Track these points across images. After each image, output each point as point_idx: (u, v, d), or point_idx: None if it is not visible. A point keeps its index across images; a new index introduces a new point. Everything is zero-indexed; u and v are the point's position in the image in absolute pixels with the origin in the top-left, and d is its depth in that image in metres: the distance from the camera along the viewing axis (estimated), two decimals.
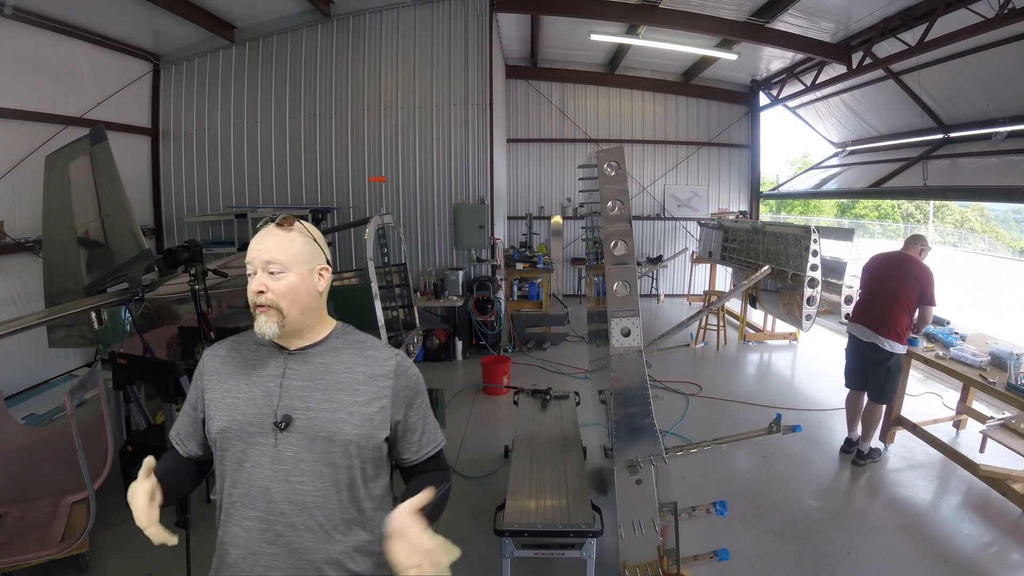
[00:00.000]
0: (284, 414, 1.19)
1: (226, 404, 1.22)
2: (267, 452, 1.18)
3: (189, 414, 1.31)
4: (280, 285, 1.20)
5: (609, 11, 7.12)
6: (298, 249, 1.23)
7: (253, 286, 1.21)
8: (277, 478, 1.17)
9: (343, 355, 1.27)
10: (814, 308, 4.86)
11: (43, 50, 5.29)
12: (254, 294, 1.20)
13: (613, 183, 2.13)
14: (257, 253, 1.21)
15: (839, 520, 3.24)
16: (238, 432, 1.19)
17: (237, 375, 1.25)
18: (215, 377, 1.27)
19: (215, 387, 1.25)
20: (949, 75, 6.61)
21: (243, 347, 1.30)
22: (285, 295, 1.20)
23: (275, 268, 1.21)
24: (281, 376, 1.23)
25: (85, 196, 3.88)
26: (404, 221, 6.94)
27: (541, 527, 2.37)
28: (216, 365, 1.28)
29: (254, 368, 1.25)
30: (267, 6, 6.57)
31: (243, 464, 1.19)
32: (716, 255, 7.72)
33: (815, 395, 5.39)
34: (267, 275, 1.21)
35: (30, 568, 2.53)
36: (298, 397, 1.21)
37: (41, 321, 3.23)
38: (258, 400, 1.21)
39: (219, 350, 1.32)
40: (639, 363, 2.05)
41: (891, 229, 18.01)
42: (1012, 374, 3.12)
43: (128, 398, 3.40)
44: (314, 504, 1.18)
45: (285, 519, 1.17)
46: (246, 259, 1.23)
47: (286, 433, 1.18)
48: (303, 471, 1.18)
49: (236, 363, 1.27)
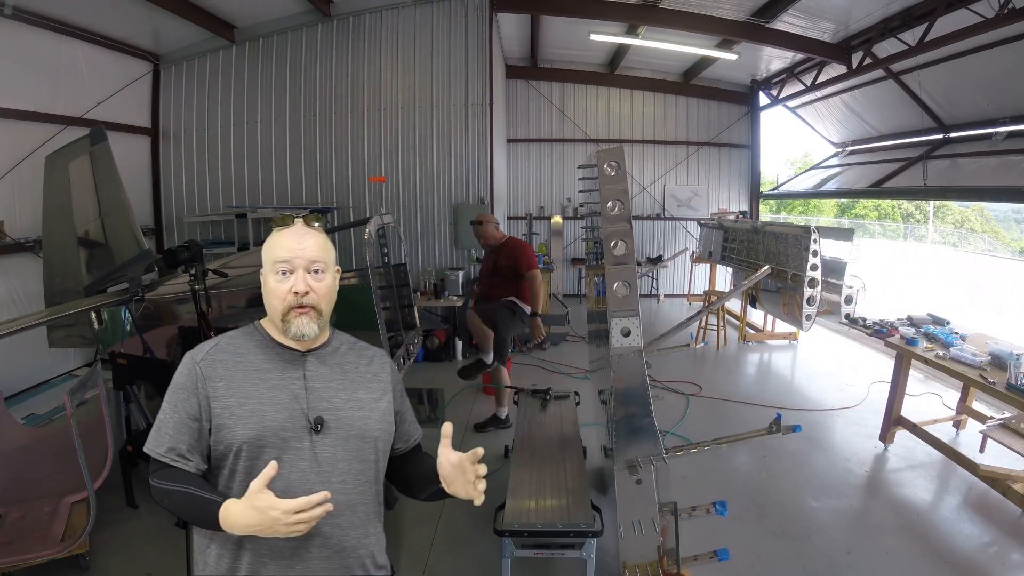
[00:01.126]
0: (316, 416, 1.17)
1: (248, 411, 1.15)
2: (305, 456, 1.15)
3: (188, 425, 1.15)
4: (323, 286, 1.21)
5: (609, 11, 7.12)
6: (331, 249, 1.27)
7: (295, 286, 1.18)
8: (319, 481, 1.15)
9: (348, 356, 1.30)
10: (814, 308, 4.85)
11: (43, 50, 5.29)
12: (295, 295, 1.18)
13: (613, 183, 2.13)
14: (300, 252, 1.19)
15: (839, 520, 3.24)
16: (271, 439, 1.14)
17: (252, 380, 1.18)
18: (223, 384, 1.16)
19: (226, 394, 1.16)
20: (949, 75, 6.61)
21: (246, 351, 1.22)
22: (326, 296, 1.22)
23: (320, 267, 1.21)
24: (303, 378, 1.21)
25: (85, 196, 3.88)
26: (404, 221, 6.94)
27: (541, 527, 2.37)
28: (219, 371, 1.18)
29: (269, 372, 1.20)
30: (267, 6, 6.57)
31: (280, 471, 1.12)
32: (716, 255, 7.72)
33: (815, 395, 5.39)
34: (309, 275, 1.20)
35: (30, 568, 2.52)
36: (324, 398, 1.20)
37: (41, 321, 3.23)
38: (286, 404, 1.17)
39: (216, 354, 1.20)
40: (639, 363, 2.05)
41: (891, 229, 18.00)
42: (1012, 374, 3.12)
43: (128, 398, 3.40)
44: (356, 501, 1.20)
45: (333, 520, 1.14)
46: (279, 257, 1.19)
47: (322, 435, 1.17)
48: (342, 471, 1.18)
49: (245, 367, 1.20)
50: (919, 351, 3.75)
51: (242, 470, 1.15)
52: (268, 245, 1.22)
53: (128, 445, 3.25)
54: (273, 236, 1.23)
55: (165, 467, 1.14)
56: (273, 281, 1.20)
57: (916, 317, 4.36)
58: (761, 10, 6.81)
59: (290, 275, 1.19)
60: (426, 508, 3.29)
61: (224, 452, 1.15)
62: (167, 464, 1.14)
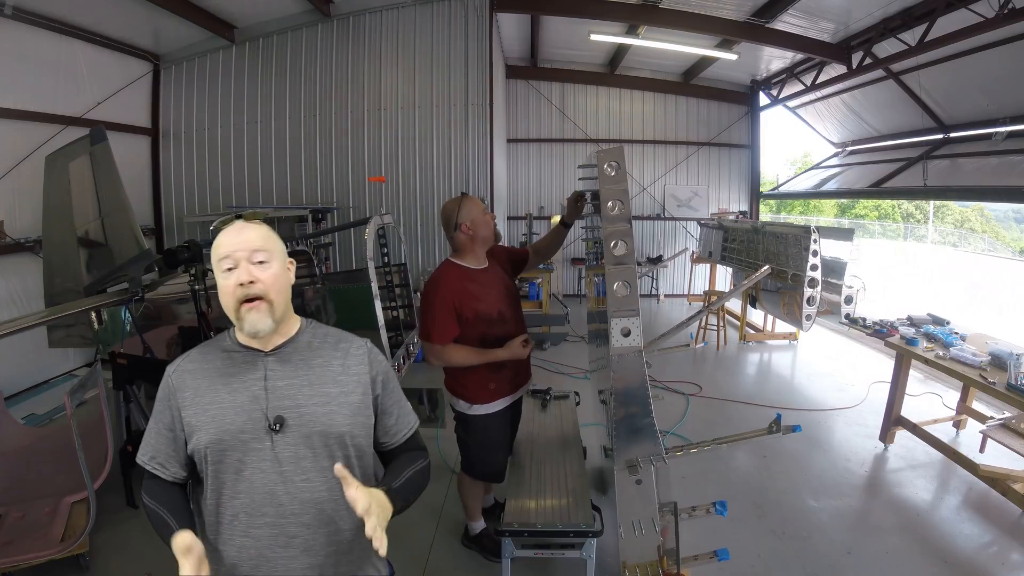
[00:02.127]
0: (276, 415, 1.17)
1: (210, 416, 1.17)
2: (266, 456, 1.16)
3: (165, 435, 1.22)
4: (268, 275, 1.19)
5: (609, 11, 7.12)
6: (275, 239, 1.25)
7: (239, 278, 1.17)
8: (282, 480, 1.16)
9: (318, 351, 1.28)
10: (814, 308, 4.86)
11: (43, 50, 5.29)
12: (241, 287, 1.17)
13: (613, 183, 2.13)
14: (240, 244, 1.18)
15: (839, 520, 3.24)
16: (231, 442, 1.16)
17: (215, 386, 1.20)
18: (190, 393, 1.20)
19: (192, 403, 1.19)
20: (949, 75, 6.61)
21: (211, 357, 1.24)
22: (273, 284, 1.20)
23: (263, 256, 1.20)
24: (263, 379, 1.20)
25: (85, 196, 3.88)
26: (404, 221, 6.94)
27: (541, 527, 2.37)
28: (187, 381, 1.21)
29: (232, 375, 1.21)
30: (267, 6, 6.57)
31: (242, 473, 1.16)
32: (716, 255, 7.72)
33: (815, 395, 5.39)
34: (253, 266, 1.18)
35: (30, 568, 2.52)
36: (286, 396, 1.19)
37: (41, 321, 3.23)
38: (245, 406, 1.17)
39: (185, 364, 1.24)
40: (639, 363, 2.05)
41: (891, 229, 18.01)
42: (1012, 374, 3.12)
43: (128, 398, 3.40)
44: (324, 499, 1.18)
45: (297, 519, 1.16)
46: (221, 254, 1.19)
47: (281, 434, 1.17)
48: (306, 468, 1.17)
49: (210, 374, 1.21)
50: (919, 351, 3.75)
51: (210, 474, 1.18)
52: (213, 248, 1.22)
53: (128, 445, 3.24)
54: (217, 238, 1.22)
55: (151, 476, 1.22)
56: (221, 280, 1.20)
57: (916, 317, 4.36)
58: (761, 10, 6.81)
59: (235, 270, 1.18)
60: (426, 508, 3.29)
61: (197, 460, 1.20)
62: (151, 473, 1.22)
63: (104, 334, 4.13)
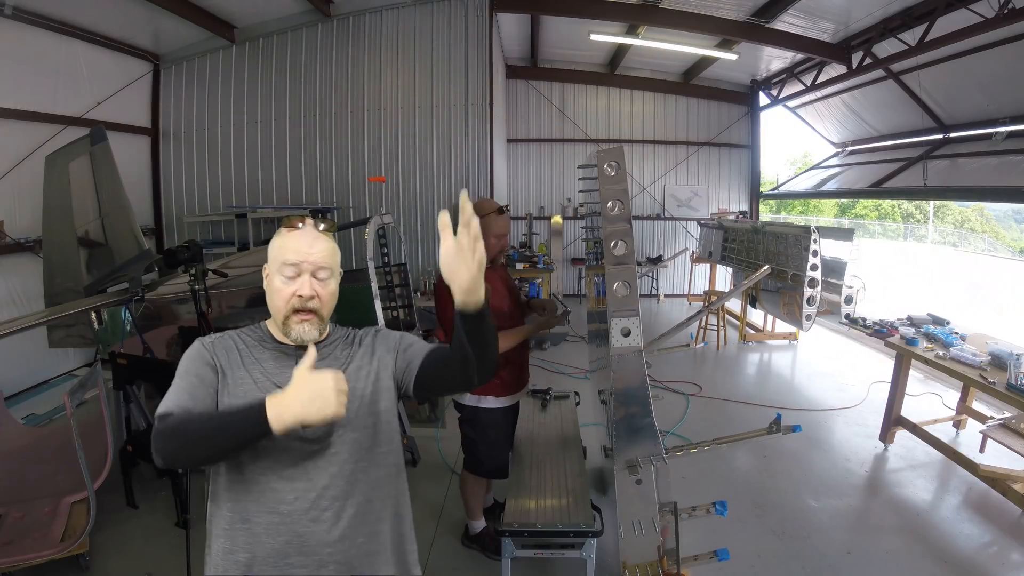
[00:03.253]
0: None
1: (243, 392, 1.17)
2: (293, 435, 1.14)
3: (205, 391, 1.15)
4: (328, 292, 1.22)
5: (609, 11, 7.12)
6: (338, 256, 1.28)
7: (300, 290, 1.18)
8: (312, 455, 1.16)
9: (344, 347, 1.31)
10: (814, 308, 4.85)
11: (43, 50, 5.29)
12: (300, 299, 1.18)
13: (613, 183, 2.13)
14: (308, 256, 1.19)
15: (839, 520, 3.24)
16: None
17: (248, 365, 1.21)
18: (226, 362, 1.20)
19: (227, 374, 1.19)
20: (949, 75, 6.61)
21: (247, 343, 1.26)
22: (328, 301, 1.23)
23: (326, 274, 1.22)
24: (294, 366, 1.20)
25: (85, 196, 3.89)
26: (404, 221, 6.94)
27: (541, 527, 2.37)
28: (221, 354, 1.22)
29: (265, 361, 1.23)
30: (267, 6, 6.57)
31: (269, 451, 1.16)
32: (716, 255, 7.72)
33: (815, 395, 5.39)
34: (315, 280, 1.20)
35: (30, 568, 2.52)
36: None
37: (41, 321, 3.24)
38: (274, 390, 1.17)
39: (222, 341, 1.25)
40: (639, 363, 2.05)
41: (891, 229, 18.02)
42: (1012, 374, 3.12)
43: (128, 398, 3.40)
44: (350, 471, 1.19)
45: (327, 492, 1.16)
46: (288, 260, 1.19)
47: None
48: (333, 442, 1.18)
49: (243, 355, 1.23)
50: (919, 351, 3.75)
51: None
52: (277, 246, 1.22)
53: (128, 445, 3.24)
54: (283, 237, 1.22)
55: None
56: (279, 282, 1.20)
57: (916, 317, 4.36)
58: (761, 10, 6.81)
59: (296, 278, 1.19)
60: (426, 508, 3.30)
61: None
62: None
63: (104, 334, 4.13)
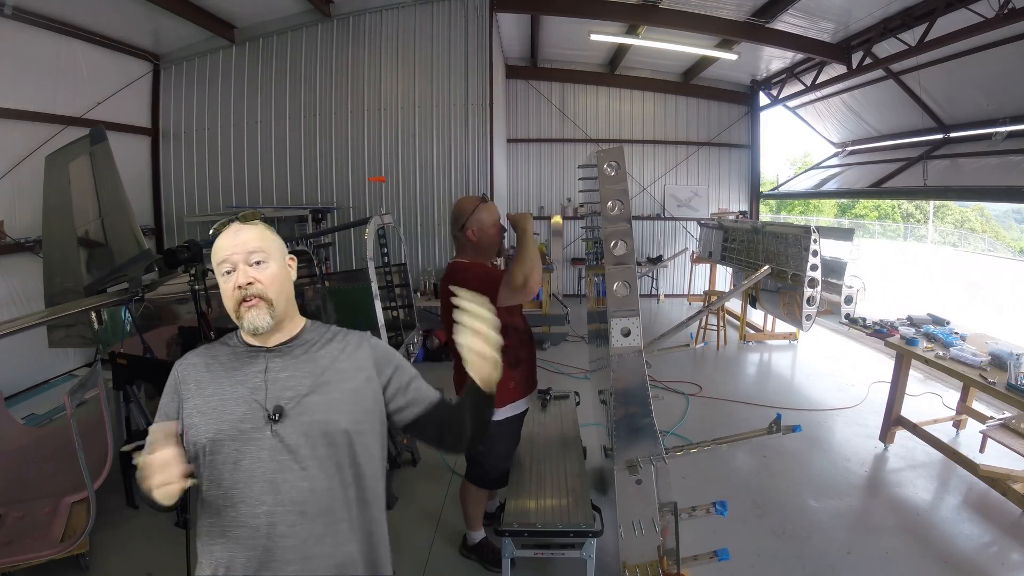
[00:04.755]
0: (275, 405, 1.18)
1: (211, 408, 1.19)
2: (265, 445, 1.16)
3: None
4: (267, 275, 1.22)
5: (609, 11, 7.12)
6: (272, 238, 1.28)
7: (238, 280, 1.20)
8: (281, 469, 1.16)
9: (321, 347, 1.29)
10: (814, 308, 4.86)
11: (43, 50, 5.29)
12: (239, 289, 1.20)
13: (613, 183, 2.13)
14: (236, 247, 1.21)
15: (839, 520, 3.24)
16: (229, 431, 1.17)
17: (218, 380, 1.23)
18: (193, 385, 1.23)
19: (195, 395, 1.22)
20: (949, 75, 6.61)
21: (216, 352, 1.28)
22: (272, 284, 1.23)
23: (259, 257, 1.22)
24: (264, 371, 1.22)
25: (85, 196, 3.88)
26: (404, 221, 6.94)
27: (541, 527, 2.38)
28: (192, 374, 1.25)
29: (235, 370, 1.24)
30: (267, 6, 6.57)
31: (240, 463, 1.16)
32: (716, 255, 7.72)
33: (815, 395, 5.39)
34: (250, 267, 1.21)
35: (30, 568, 2.53)
36: (286, 387, 1.21)
37: (41, 321, 3.23)
38: (245, 397, 1.19)
39: (192, 359, 1.28)
40: (639, 363, 2.05)
41: (891, 229, 18.02)
42: (1012, 374, 3.11)
43: (128, 398, 3.40)
44: (322, 488, 1.18)
45: (296, 508, 1.16)
46: (219, 258, 1.22)
47: (281, 424, 1.17)
48: (304, 457, 1.17)
49: (213, 368, 1.25)
50: (919, 351, 3.75)
51: (206, 465, 1.18)
52: (213, 252, 1.24)
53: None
54: (215, 242, 1.25)
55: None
56: (222, 282, 1.22)
57: (916, 317, 4.36)
58: (761, 10, 6.81)
59: (233, 272, 1.21)
60: (426, 508, 3.29)
61: (193, 452, 1.18)
62: None
63: (104, 334, 4.13)
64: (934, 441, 3.80)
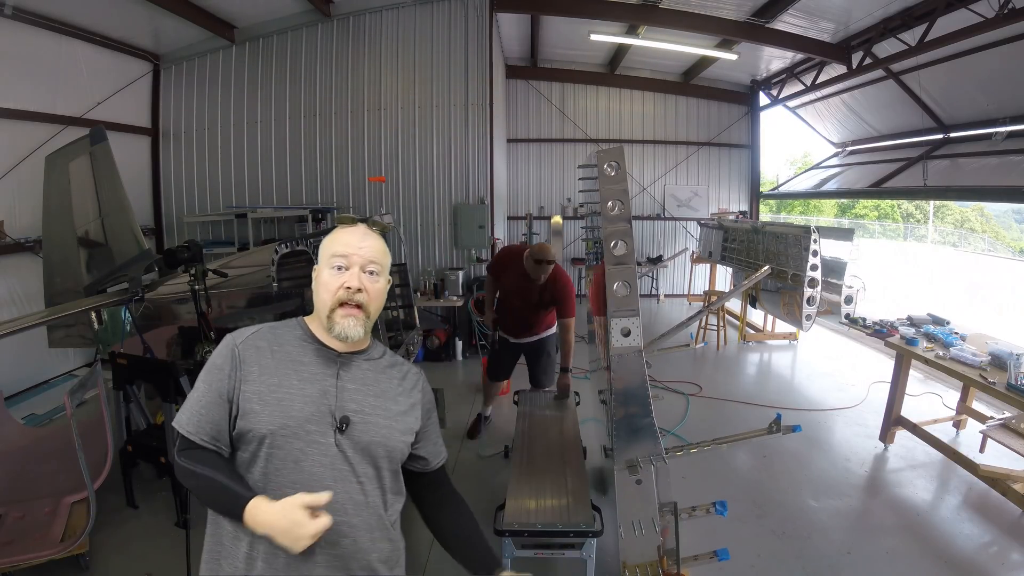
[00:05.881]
0: (343, 415, 1.18)
1: (277, 399, 1.15)
2: (328, 452, 1.16)
3: (221, 406, 1.16)
4: (375, 288, 1.23)
5: (609, 11, 7.12)
6: (389, 256, 1.29)
7: (348, 281, 1.19)
8: (339, 478, 1.16)
9: (382, 368, 1.30)
10: (814, 308, 4.86)
11: (43, 50, 5.29)
12: (348, 290, 1.19)
13: (613, 183, 2.13)
14: (359, 250, 1.21)
15: (839, 520, 3.24)
16: (295, 429, 1.14)
17: (284, 369, 1.18)
18: (256, 369, 1.17)
19: (258, 380, 1.16)
20: (949, 75, 6.61)
21: (284, 340, 1.23)
22: (376, 298, 1.24)
23: (375, 269, 1.23)
24: (336, 376, 1.21)
25: (85, 196, 3.88)
26: (404, 221, 6.94)
27: (541, 527, 2.38)
28: (255, 356, 1.19)
29: (304, 364, 1.21)
30: (267, 6, 6.57)
31: (301, 463, 1.14)
32: (716, 255, 7.72)
33: (815, 395, 5.39)
34: (365, 274, 1.21)
35: (30, 568, 2.53)
36: (353, 400, 1.21)
37: (41, 321, 3.24)
38: (315, 398, 1.17)
39: (256, 341, 1.21)
40: (639, 363, 2.05)
41: (891, 229, 18.02)
42: (1012, 374, 3.12)
43: (128, 398, 3.40)
44: (368, 504, 1.20)
45: (349, 519, 1.16)
46: (338, 251, 1.21)
47: (345, 435, 1.17)
48: (361, 473, 1.19)
49: (281, 356, 1.20)
50: (919, 351, 3.75)
51: (263, 457, 1.15)
52: (329, 240, 1.24)
53: (128, 445, 3.25)
54: (335, 232, 1.25)
55: (193, 447, 1.16)
56: (327, 274, 1.21)
57: (916, 317, 4.36)
58: (761, 10, 6.81)
59: (345, 271, 1.20)
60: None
61: (248, 438, 1.15)
62: (195, 444, 1.16)
63: (104, 334, 4.13)
64: (934, 441, 3.80)
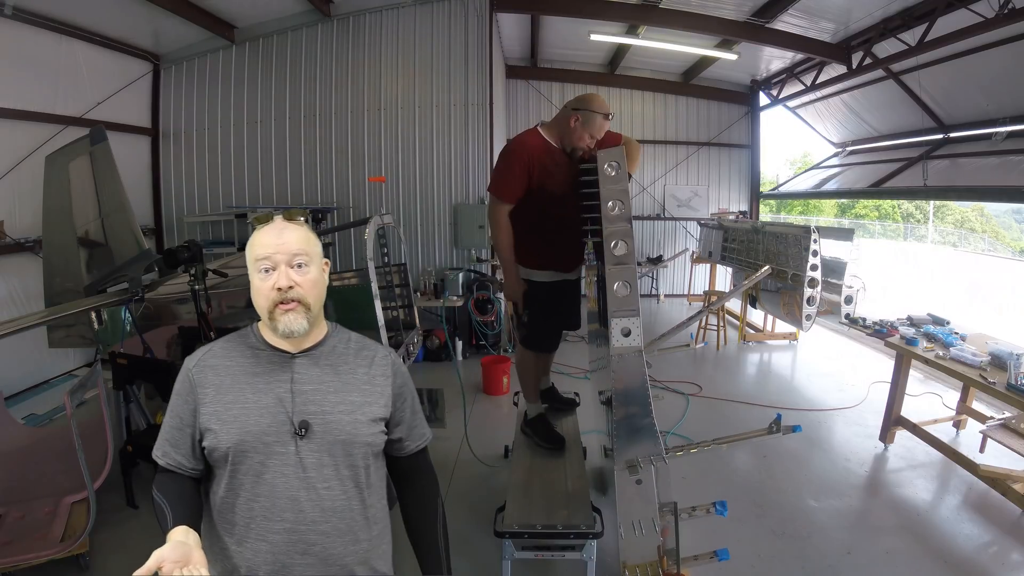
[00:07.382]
0: (301, 420, 1.15)
1: (233, 416, 1.14)
2: (289, 461, 1.14)
3: (183, 431, 1.18)
4: (307, 279, 1.18)
5: (609, 11, 7.11)
6: (315, 242, 1.24)
7: (278, 282, 1.15)
8: (304, 486, 1.14)
9: (344, 357, 1.26)
10: (814, 308, 4.86)
11: (43, 50, 5.28)
12: (279, 291, 1.15)
13: (613, 183, 2.13)
14: (281, 247, 1.16)
15: (839, 520, 3.24)
16: (253, 443, 1.13)
17: (239, 384, 1.17)
18: (211, 390, 1.17)
19: (213, 400, 1.16)
20: (949, 75, 6.61)
21: (236, 354, 1.22)
22: (312, 289, 1.19)
23: (302, 260, 1.18)
24: (290, 381, 1.18)
25: (85, 196, 3.88)
26: (404, 221, 6.94)
27: (541, 528, 2.37)
28: (209, 376, 1.18)
29: (257, 375, 1.18)
30: (267, 6, 6.56)
31: (263, 476, 1.14)
32: (716, 255, 7.72)
33: (815, 395, 5.39)
34: (292, 269, 1.17)
35: (30, 568, 2.52)
36: (311, 401, 1.18)
37: (41, 321, 3.24)
38: (271, 408, 1.15)
39: (208, 359, 1.21)
40: (639, 363, 2.05)
41: (891, 229, 18.03)
42: (1012, 374, 3.11)
43: (128, 398, 3.40)
44: (342, 508, 1.17)
45: (316, 527, 1.14)
46: (259, 255, 1.17)
47: (306, 440, 1.15)
48: (327, 476, 1.16)
49: (233, 371, 1.19)
50: (919, 351, 3.75)
51: (227, 474, 1.15)
52: (249, 244, 1.20)
53: (128, 445, 3.24)
54: (254, 235, 1.20)
55: (164, 471, 1.19)
56: (257, 280, 1.17)
57: (916, 317, 4.36)
58: (761, 10, 6.81)
59: (272, 271, 1.16)
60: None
61: (215, 457, 1.16)
62: (164, 468, 1.19)
63: (104, 334, 4.13)
64: (934, 441, 3.80)
